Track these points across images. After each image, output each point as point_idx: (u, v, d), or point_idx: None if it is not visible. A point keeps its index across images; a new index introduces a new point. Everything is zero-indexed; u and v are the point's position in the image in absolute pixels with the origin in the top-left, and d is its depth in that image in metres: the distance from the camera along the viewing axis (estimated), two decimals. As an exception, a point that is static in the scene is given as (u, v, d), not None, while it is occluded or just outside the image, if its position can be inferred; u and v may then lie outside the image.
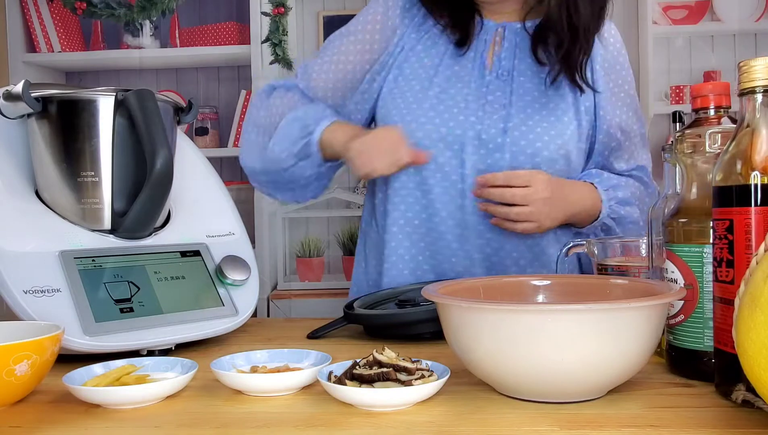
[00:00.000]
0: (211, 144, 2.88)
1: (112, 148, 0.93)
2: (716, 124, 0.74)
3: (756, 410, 0.61)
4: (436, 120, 1.15)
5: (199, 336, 0.92)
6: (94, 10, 2.79)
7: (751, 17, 2.76)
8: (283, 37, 2.73)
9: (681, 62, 2.81)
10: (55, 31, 2.81)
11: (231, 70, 2.97)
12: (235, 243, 1.05)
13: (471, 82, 1.17)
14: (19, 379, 0.67)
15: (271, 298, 2.68)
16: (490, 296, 0.79)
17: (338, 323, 1.01)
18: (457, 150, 1.15)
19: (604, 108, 1.19)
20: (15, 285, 0.82)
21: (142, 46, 2.84)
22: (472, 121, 1.15)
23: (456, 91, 1.17)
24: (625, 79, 1.23)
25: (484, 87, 1.17)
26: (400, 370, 0.66)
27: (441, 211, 1.16)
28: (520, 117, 1.15)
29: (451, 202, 1.16)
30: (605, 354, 0.62)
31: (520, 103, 1.16)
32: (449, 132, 1.15)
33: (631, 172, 1.26)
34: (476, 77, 1.18)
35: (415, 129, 1.15)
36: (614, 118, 1.20)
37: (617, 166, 1.25)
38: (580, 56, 1.15)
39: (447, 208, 1.16)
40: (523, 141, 1.13)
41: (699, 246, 0.71)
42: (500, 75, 1.17)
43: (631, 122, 1.23)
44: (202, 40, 2.85)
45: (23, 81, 0.90)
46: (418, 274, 1.19)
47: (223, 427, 0.62)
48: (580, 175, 1.20)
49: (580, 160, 1.19)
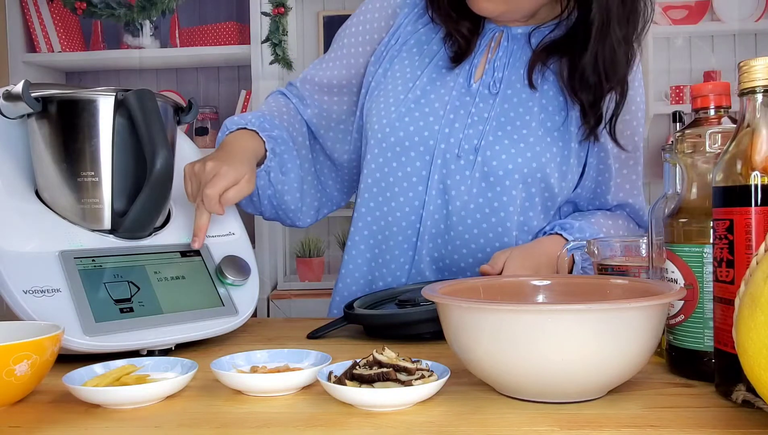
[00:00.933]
0: (211, 144, 2.88)
1: (112, 148, 0.93)
2: (716, 124, 0.74)
3: (756, 410, 0.61)
4: (411, 127, 1.12)
5: (199, 336, 0.92)
6: (94, 10, 2.79)
7: (751, 17, 2.76)
8: (283, 37, 2.74)
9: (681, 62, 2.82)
10: (55, 31, 2.81)
11: (231, 70, 2.97)
12: (235, 243, 1.05)
13: (454, 89, 1.13)
14: (19, 379, 0.67)
15: (271, 298, 2.68)
16: (490, 296, 0.79)
17: (338, 323, 1.01)
18: (427, 161, 1.11)
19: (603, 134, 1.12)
20: (15, 285, 0.82)
21: (142, 46, 2.84)
22: (446, 133, 1.11)
23: (437, 96, 1.13)
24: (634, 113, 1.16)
25: (467, 96, 1.12)
26: (400, 370, 0.66)
27: (400, 221, 1.14)
28: (497, 134, 1.09)
29: (412, 212, 1.13)
30: (605, 354, 0.62)
31: (501, 119, 1.10)
32: (421, 141, 1.11)
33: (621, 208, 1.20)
34: (460, 85, 1.13)
35: (389, 134, 1.13)
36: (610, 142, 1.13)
37: (609, 200, 1.19)
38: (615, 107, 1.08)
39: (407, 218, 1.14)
40: (495, 161, 1.08)
41: (699, 246, 0.71)
42: (487, 85, 1.12)
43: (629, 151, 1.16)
44: (202, 40, 2.85)
45: (23, 81, 0.90)
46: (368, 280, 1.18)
47: (223, 427, 0.62)
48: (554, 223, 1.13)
49: (564, 182, 1.12)
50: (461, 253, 1.13)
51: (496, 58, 1.13)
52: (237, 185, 0.99)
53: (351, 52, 1.23)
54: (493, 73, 1.12)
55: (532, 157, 1.08)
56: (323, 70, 1.25)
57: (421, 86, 1.14)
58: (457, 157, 1.10)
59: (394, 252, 1.15)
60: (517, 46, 1.14)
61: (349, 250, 1.20)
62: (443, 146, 1.11)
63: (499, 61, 1.13)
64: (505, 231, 1.11)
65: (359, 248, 1.19)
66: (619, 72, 1.07)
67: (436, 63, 1.15)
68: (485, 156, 1.09)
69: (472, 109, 1.11)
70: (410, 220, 1.14)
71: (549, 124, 1.10)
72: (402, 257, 1.15)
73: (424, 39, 1.17)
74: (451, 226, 1.12)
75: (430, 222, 1.13)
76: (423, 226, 1.13)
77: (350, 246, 1.19)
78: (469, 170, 1.10)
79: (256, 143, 1.11)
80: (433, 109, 1.12)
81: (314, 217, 1.29)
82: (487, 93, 1.12)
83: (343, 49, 1.23)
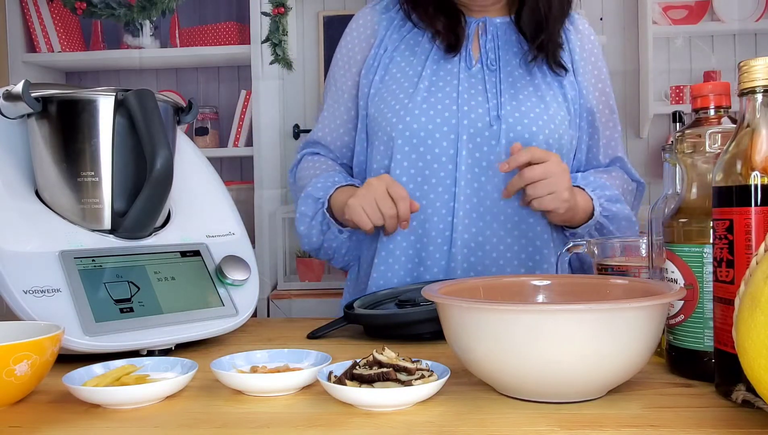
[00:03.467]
0: (211, 144, 2.88)
1: (112, 148, 0.93)
2: (716, 124, 0.74)
3: (756, 410, 0.61)
4: (431, 111, 1.17)
5: (199, 336, 0.92)
6: (94, 10, 2.79)
7: (751, 17, 2.75)
8: (283, 37, 2.73)
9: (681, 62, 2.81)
10: (55, 31, 2.81)
11: (231, 70, 2.97)
12: (235, 243, 1.05)
13: (459, 73, 1.20)
14: (19, 379, 0.67)
15: (271, 298, 2.68)
16: (490, 296, 0.79)
17: (338, 323, 1.01)
18: (453, 139, 1.16)
19: (585, 96, 1.23)
20: (15, 285, 0.82)
21: (142, 46, 2.84)
22: (465, 111, 1.17)
23: (445, 83, 1.20)
24: (601, 71, 1.28)
25: (473, 78, 1.20)
26: (400, 370, 0.66)
27: (435, 201, 1.17)
28: (513, 104, 1.17)
29: (445, 191, 1.17)
30: (605, 354, 0.62)
31: (511, 91, 1.19)
32: (444, 121, 1.17)
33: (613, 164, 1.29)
34: (464, 69, 1.21)
35: (410, 122, 1.17)
36: (595, 107, 1.25)
37: (601, 159, 1.28)
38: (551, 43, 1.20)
39: (441, 198, 1.17)
40: (519, 126, 1.16)
41: (699, 246, 0.71)
42: (487, 65, 1.20)
43: (609, 112, 1.27)
44: (202, 40, 2.84)
45: (23, 81, 0.90)
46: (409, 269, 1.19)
47: (223, 427, 0.62)
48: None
49: (571, 148, 1.23)
50: (498, 221, 1.17)
51: (486, 42, 1.22)
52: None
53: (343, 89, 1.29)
54: (488, 55, 1.21)
55: (548, 119, 1.18)
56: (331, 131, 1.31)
57: (427, 78, 1.20)
58: (481, 130, 1.16)
59: (431, 234, 1.18)
60: (501, 31, 1.24)
61: (385, 244, 1.21)
62: (466, 122, 1.17)
63: (490, 44, 1.22)
64: None
65: (396, 240, 1.20)
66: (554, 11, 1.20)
67: (432, 57, 1.22)
68: (508, 123, 1.16)
69: (480, 87, 1.19)
70: (444, 199, 1.17)
71: (552, 92, 1.20)
72: (440, 238, 1.18)
73: (413, 42, 1.24)
74: (485, 197, 1.17)
75: (463, 197, 1.16)
76: (457, 202, 1.17)
77: (386, 241, 1.21)
78: (496, 139, 1.16)
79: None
80: (446, 93, 1.19)
81: None
82: (488, 71, 1.20)
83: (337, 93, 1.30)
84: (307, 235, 1.24)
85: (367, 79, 1.24)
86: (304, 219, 1.23)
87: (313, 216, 1.22)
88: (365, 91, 1.24)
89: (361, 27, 1.29)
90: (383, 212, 1.09)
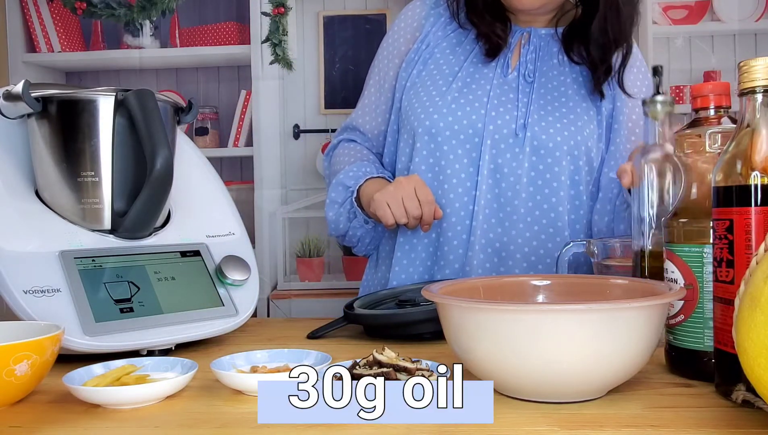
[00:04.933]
0: (211, 144, 2.88)
1: (112, 148, 0.93)
2: (716, 124, 0.74)
3: (756, 410, 0.61)
4: (458, 112, 1.18)
5: (199, 336, 0.92)
6: (94, 10, 2.79)
7: (751, 17, 2.75)
8: (283, 37, 2.73)
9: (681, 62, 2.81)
10: (55, 31, 2.81)
11: (231, 70, 2.97)
12: (235, 243, 1.05)
13: (494, 79, 1.21)
14: (19, 379, 0.67)
15: (271, 298, 2.68)
16: (490, 296, 0.79)
17: (338, 323, 1.01)
18: (476, 142, 1.17)
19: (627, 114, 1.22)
20: (15, 285, 0.82)
21: (142, 46, 2.84)
22: (492, 116, 1.18)
23: (478, 86, 1.20)
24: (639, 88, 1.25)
25: (506, 85, 1.21)
26: (400, 370, 0.66)
27: (454, 202, 1.18)
28: (540, 113, 1.18)
29: (465, 193, 1.17)
30: (605, 354, 0.62)
31: (540, 101, 1.19)
32: (470, 124, 1.18)
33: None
34: (499, 75, 1.21)
35: (437, 120, 1.18)
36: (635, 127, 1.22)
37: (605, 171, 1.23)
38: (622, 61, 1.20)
39: (460, 199, 1.18)
40: (544, 135, 1.16)
41: (699, 246, 0.71)
42: (523, 75, 1.21)
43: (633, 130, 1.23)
44: (202, 40, 2.84)
45: (23, 81, 0.90)
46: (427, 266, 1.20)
47: (223, 427, 0.62)
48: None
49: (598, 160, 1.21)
50: (517, 229, 1.17)
51: (527, 52, 1.22)
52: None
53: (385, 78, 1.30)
54: (526, 66, 1.22)
55: (575, 130, 1.17)
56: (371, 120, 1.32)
57: (462, 79, 1.21)
58: (506, 136, 1.17)
59: (448, 234, 1.18)
60: (544, 42, 1.24)
61: (402, 245, 1.22)
62: (491, 128, 1.17)
63: (530, 55, 1.22)
64: (558, 201, 1.17)
65: (412, 242, 1.21)
66: (625, 30, 1.20)
67: (471, 60, 1.23)
68: (533, 131, 1.17)
69: (512, 95, 1.20)
70: (463, 201, 1.18)
71: (584, 104, 1.20)
72: (456, 240, 1.18)
73: (455, 41, 1.25)
74: (505, 203, 1.17)
75: (483, 201, 1.17)
76: (477, 205, 1.17)
77: (402, 241, 1.22)
78: (519, 147, 1.17)
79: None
80: (477, 97, 1.20)
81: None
82: (523, 81, 1.21)
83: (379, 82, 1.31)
84: (335, 221, 1.25)
85: (406, 72, 1.25)
86: (333, 205, 1.24)
87: (342, 203, 1.23)
88: (402, 84, 1.25)
89: (409, 19, 1.30)
90: (408, 212, 1.10)
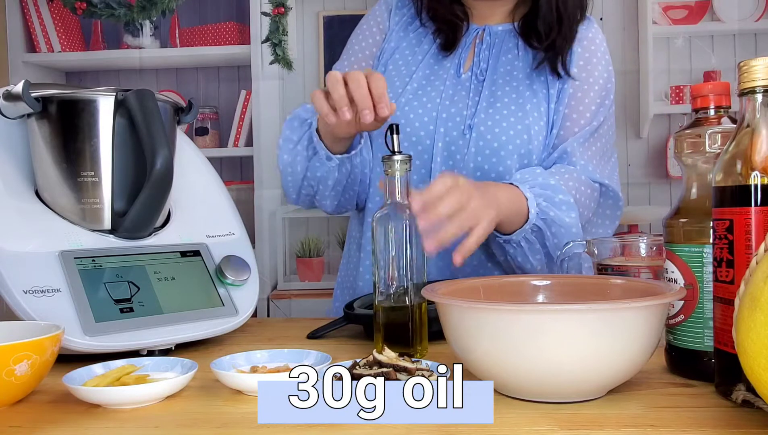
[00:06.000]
0: (211, 144, 2.88)
1: (112, 148, 0.93)
2: (716, 124, 0.74)
3: (756, 410, 0.61)
4: (411, 115, 1.18)
5: (199, 336, 0.92)
6: (94, 10, 2.79)
7: (751, 17, 2.75)
8: (283, 37, 2.74)
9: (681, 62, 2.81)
10: (55, 31, 2.81)
11: (231, 70, 2.97)
12: (235, 243, 1.05)
13: (446, 80, 1.20)
14: (19, 379, 0.67)
15: (271, 298, 2.68)
16: (490, 296, 0.79)
17: (338, 323, 1.01)
18: (429, 145, 1.17)
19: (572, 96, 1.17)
20: (15, 285, 0.82)
21: (142, 46, 2.84)
22: (443, 117, 1.17)
23: (432, 88, 1.20)
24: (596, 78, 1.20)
25: (459, 85, 1.20)
26: (400, 370, 0.66)
27: None
28: (489, 112, 1.17)
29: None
30: (605, 354, 0.62)
31: (490, 99, 1.18)
32: (422, 126, 1.18)
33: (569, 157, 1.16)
34: (452, 76, 1.21)
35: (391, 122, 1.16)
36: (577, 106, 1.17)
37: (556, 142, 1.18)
38: (564, 43, 1.18)
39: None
40: (489, 135, 1.15)
41: (699, 246, 0.71)
42: (475, 74, 1.20)
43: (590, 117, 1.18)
44: (202, 40, 2.85)
45: (23, 81, 0.90)
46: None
47: (223, 427, 0.62)
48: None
49: (542, 155, 1.17)
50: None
51: (480, 51, 1.22)
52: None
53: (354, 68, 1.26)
54: (479, 64, 1.21)
55: (522, 129, 1.15)
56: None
57: (417, 80, 1.21)
58: (455, 138, 1.17)
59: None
60: (499, 39, 1.23)
61: (365, 247, 1.22)
62: (442, 130, 1.17)
63: (484, 53, 1.21)
64: None
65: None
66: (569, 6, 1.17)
67: (428, 60, 1.23)
68: (479, 132, 1.16)
69: (464, 94, 1.19)
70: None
71: (535, 99, 1.18)
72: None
73: (415, 42, 1.25)
74: None
75: None
76: None
77: (365, 244, 1.22)
78: (467, 147, 1.16)
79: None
80: (430, 98, 1.20)
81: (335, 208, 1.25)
82: (475, 80, 1.20)
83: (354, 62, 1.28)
84: (290, 163, 1.14)
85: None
86: (287, 145, 1.13)
87: (299, 140, 1.12)
88: None
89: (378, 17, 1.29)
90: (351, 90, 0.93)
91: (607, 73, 1.22)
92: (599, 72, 1.21)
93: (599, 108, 1.20)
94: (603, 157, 1.21)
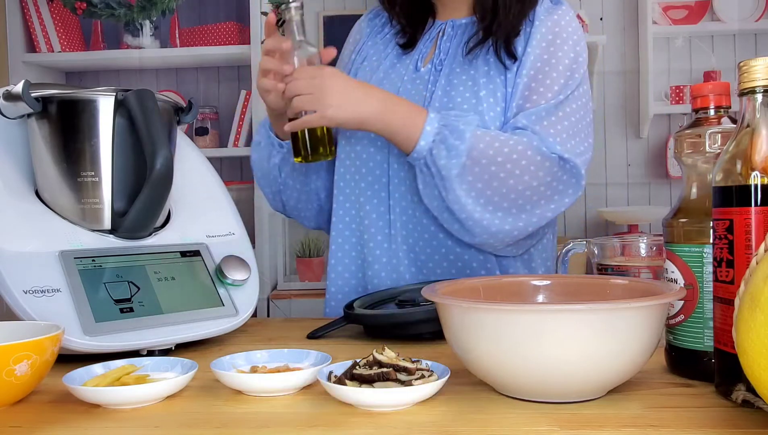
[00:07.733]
0: (211, 144, 2.88)
1: (112, 148, 0.93)
2: (716, 124, 0.74)
3: (756, 410, 0.61)
4: None
5: (199, 336, 0.92)
6: (94, 10, 2.79)
7: (751, 17, 2.76)
8: (283, 37, 2.73)
9: (681, 62, 2.81)
10: (55, 31, 2.81)
11: (231, 70, 2.97)
12: (235, 243, 1.05)
13: (405, 75, 1.22)
14: (19, 379, 0.67)
15: (271, 298, 2.68)
16: (490, 296, 0.79)
17: (338, 323, 1.01)
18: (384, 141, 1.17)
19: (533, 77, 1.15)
20: (15, 285, 0.82)
21: (142, 46, 2.84)
22: None
23: (390, 85, 1.22)
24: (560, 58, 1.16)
25: (417, 79, 1.21)
26: (400, 370, 0.66)
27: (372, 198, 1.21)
28: (443, 100, 1.17)
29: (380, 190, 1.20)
30: (605, 354, 0.62)
31: (446, 88, 1.19)
32: None
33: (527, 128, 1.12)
34: (410, 72, 1.23)
35: None
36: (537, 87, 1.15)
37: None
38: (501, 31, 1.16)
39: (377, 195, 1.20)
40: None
41: (699, 246, 0.71)
42: (435, 65, 1.21)
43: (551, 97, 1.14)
44: (202, 40, 2.84)
45: (23, 81, 0.90)
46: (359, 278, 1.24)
47: (223, 427, 0.62)
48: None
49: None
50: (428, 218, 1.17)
51: (441, 43, 1.23)
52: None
53: None
54: (439, 55, 1.22)
55: (476, 115, 1.15)
56: None
57: (378, 80, 1.24)
58: None
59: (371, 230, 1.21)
60: (461, 30, 1.23)
61: (335, 253, 1.26)
62: None
63: (444, 45, 1.23)
64: None
65: (344, 249, 1.25)
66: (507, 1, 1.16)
67: (390, 60, 1.26)
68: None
69: (422, 86, 1.21)
70: (381, 196, 1.21)
71: (491, 86, 1.17)
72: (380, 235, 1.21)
73: (381, 47, 1.29)
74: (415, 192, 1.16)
75: (398, 194, 1.19)
76: (392, 199, 1.20)
77: (334, 249, 1.26)
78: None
79: None
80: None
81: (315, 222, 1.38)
82: (434, 71, 1.21)
83: None
84: (258, 160, 1.26)
85: None
86: (257, 147, 1.25)
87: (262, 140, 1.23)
88: None
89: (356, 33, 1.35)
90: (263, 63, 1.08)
91: (574, 53, 1.18)
92: (564, 52, 1.17)
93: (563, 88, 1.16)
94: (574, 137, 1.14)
